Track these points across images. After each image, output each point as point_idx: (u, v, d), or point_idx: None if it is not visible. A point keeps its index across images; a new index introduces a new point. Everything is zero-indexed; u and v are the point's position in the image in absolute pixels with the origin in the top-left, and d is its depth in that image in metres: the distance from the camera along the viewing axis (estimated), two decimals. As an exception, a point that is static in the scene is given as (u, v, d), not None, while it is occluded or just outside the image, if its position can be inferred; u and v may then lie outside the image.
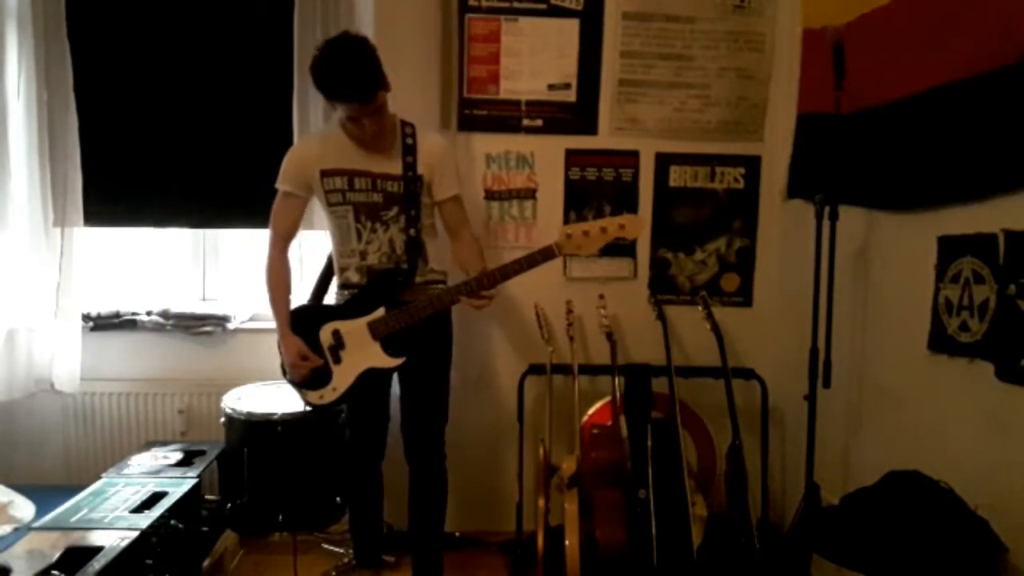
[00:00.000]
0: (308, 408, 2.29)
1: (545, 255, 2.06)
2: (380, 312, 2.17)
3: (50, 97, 2.72)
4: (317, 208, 2.47)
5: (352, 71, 1.99)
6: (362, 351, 2.18)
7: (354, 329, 2.18)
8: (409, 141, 2.22)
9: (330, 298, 2.51)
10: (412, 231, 2.22)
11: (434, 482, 2.34)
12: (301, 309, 2.31)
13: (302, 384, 2.23)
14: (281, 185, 2.25)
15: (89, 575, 1.86)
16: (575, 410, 2.55)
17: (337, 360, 2.20)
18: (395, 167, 2.20)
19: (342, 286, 2.31)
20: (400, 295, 2.19)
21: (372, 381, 2.22)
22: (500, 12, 2.85)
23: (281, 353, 2.25)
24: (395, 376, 2.38)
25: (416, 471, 2.34)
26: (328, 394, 2.21)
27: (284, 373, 2.28)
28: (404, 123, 2.25)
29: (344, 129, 2.15)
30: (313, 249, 2.79)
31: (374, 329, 2.17)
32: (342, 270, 2.29)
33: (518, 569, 2.65)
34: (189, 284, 3.11)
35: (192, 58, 2.89)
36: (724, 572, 2.34)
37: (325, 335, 2.20)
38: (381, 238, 2.22)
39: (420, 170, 2.22)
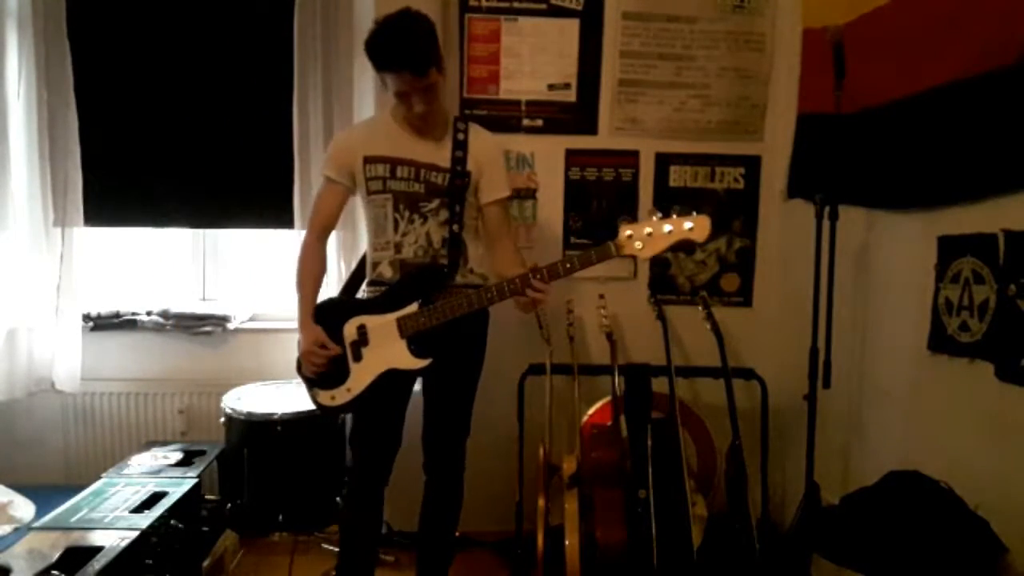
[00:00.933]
0: (316, 411, 2.15)
1: (601, 254, 1.89)
2: (412, 308, 2.02)
3: (50, 97, 2.72)
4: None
5: (406, 40, 1.91)
6: (386, 349, 2.03)
7: (381, 324, 2.03)
8: (461, 136, 2.12)
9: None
10: (455, 227, 2.10)
11: (452, 497, 2.26)
12: (327, 302, 2.18)
13: (315, 381, 2.09)
14: (324, 170, 2.16)
15: (89, 575, 1.86)
16: (575, 410, 2.55)
17: (358, 357, 2.05)
18: (443, 159, 2.10)
19: (373, 282, 2.18)
20: (436, 294, 2.05)
21: (390, 388, 2.06)
22: (500, 12, 2.85)
23: (299, 347, 2.11)
24: (414, 392, 2.21)
25: (434, 484, 2.24)
26: (341, 395, 2.06)
27: (299, 368, 2.14)
28: (458, 118, 2.18)
29: (393, 113, 2.09)
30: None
31: (403, 325, 2.02)
32: (374, 265, 2.17)
33: (518, 569, 2.65)
34: (189, 284, 3.11)
35: (192, 58, 2.89)
36: (724, 572, 2.33)
37: (350, 329, 2.06)
38: (419, 230, 2.10)
39: (469, 166, 2.11)
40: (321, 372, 2.06)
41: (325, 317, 2.08)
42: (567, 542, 2.27)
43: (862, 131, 2.24)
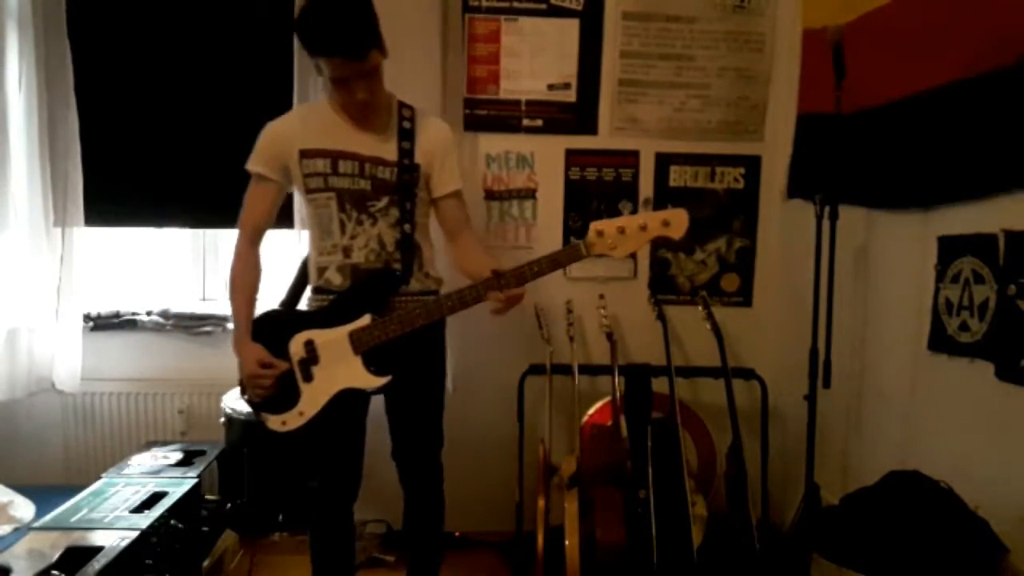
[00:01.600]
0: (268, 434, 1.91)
1: (571, 255, 1.75)
2: (365, 320, 1.83)
3: (50, 97, 2.72)
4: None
5: (341, 20, 1.70)
6: (339, 367, 1.83)
7: (332, 340, 1.83)
8: (407, 125, 1.92)
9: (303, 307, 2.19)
10: (407, 227, 1.90)
11: (432, 509, 2.13)
12: (267, 315, 1.95)
13: (262, 405, 1.87)
14: (252, 166, 1.92)
15: (89, 575, 1.86)
16: (575, 410, 2.55)
17: (308, 377, 1.85)
18: (389, 151, 1.89)
19: (319, 290, 1.97)
20: (390, 303, 1.88)
21: (347, 406, 1.89)
22: (500, 12, 2.85)
23: (240, 370, 1.90)
24: (373, 399, 2.02)
25: (412, 498, 2.12)
26: (293, 419, 1.85)
27: (242, 391, 1.94)
28: (403, 105, 1.96)
29: (331, 101, 1.89)
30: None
31: (356, 340, 1.83)
32: (320, 271, 1.95)
33: (518, 569, 2.65)
34: (189, 284, 3.11)
35: (192, 58, 2.89)
36: (724, 572, 2.33)
37: (296, 347, 1.85)
38: (369, 232, 1.90)
39: (418, 158, 1.92)
40: (268, 395, 1.86)
41: (266, 333, 1.88)
42: (567, 542, 2.27)
43: (862, 131, 2.24)
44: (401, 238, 1.92)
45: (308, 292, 2.05)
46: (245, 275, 1.95)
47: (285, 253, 2.75)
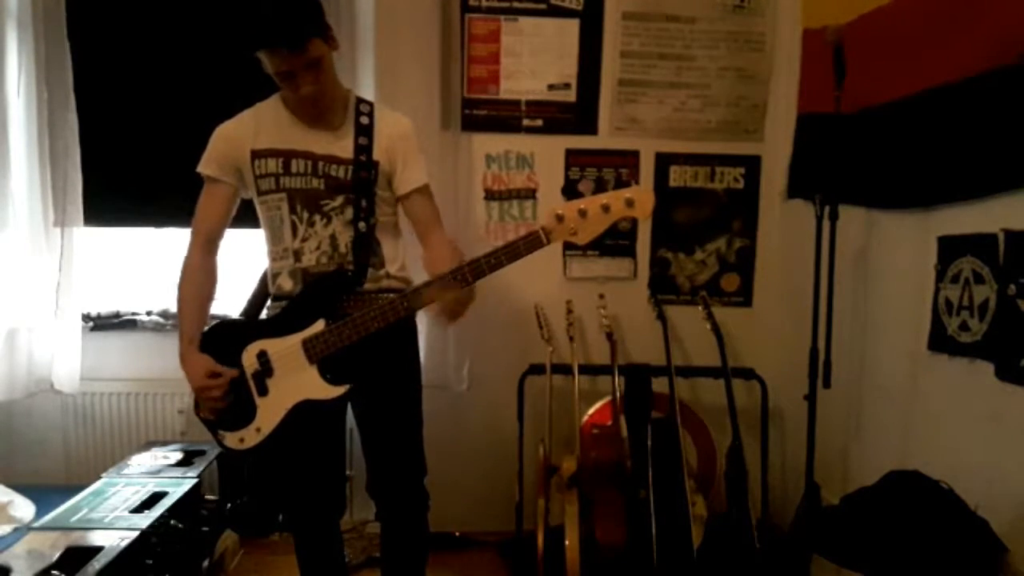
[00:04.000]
0: (226, 454, 1.82)
1: (530, 244, 1.58)
2: (319, 326, 1.71)
3: (50, 97, 2.72)
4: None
5: (276, 8, 1.62)
6: (294, 378, 1.72)
7: (285, 349, 1.72)
8: (364, 120, 1.81)
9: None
10: (361, 225, 1.79)
11: (413, 546, 1.94)
12: (218, 325, 1.84)
13: (217, 423, 1.77)
14: (202, 168, 1.83)
15: (89, 575, 1.86)
16: (575, 410, 2.55)
17: (263, 391, 1.73)
18: (344, 149, 1.79)
19: (275, 297, 1.87)
20: (345, 305, 1.76)
21: (311, 419, 1.76)
22: (500, 12, 2.85)
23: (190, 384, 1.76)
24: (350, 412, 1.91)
25: (391, 535, 1.94)
26: (250, 436, 1.75)
27: (196, 410, 1.81)
28: (361, 100, 1.87)
29: (283, 98, 1.80)
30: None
31: (310, 349, 1.71)
32: (274, 277, 1.86)
33: (518, 569, 2.65)
34: (189, 284, 3.11)
35: (192, 58, 2.88)
36: (724, 572, 2.33)
37: (249, 359, 1.74)
38: (321, 234, 1.80)
39: (376, 155, 1.81)
40: (220, 411, 1.75)
41: (218, 345, 1.77)
42: (567, 542, 2.27)
43: (862, 131, 2.24)
44: (355, 237, 1.80)
45: (268, 302, 1.94)
46: (193, 284, 1.84)
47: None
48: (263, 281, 1.99)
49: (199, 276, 1.85)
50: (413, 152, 1.86)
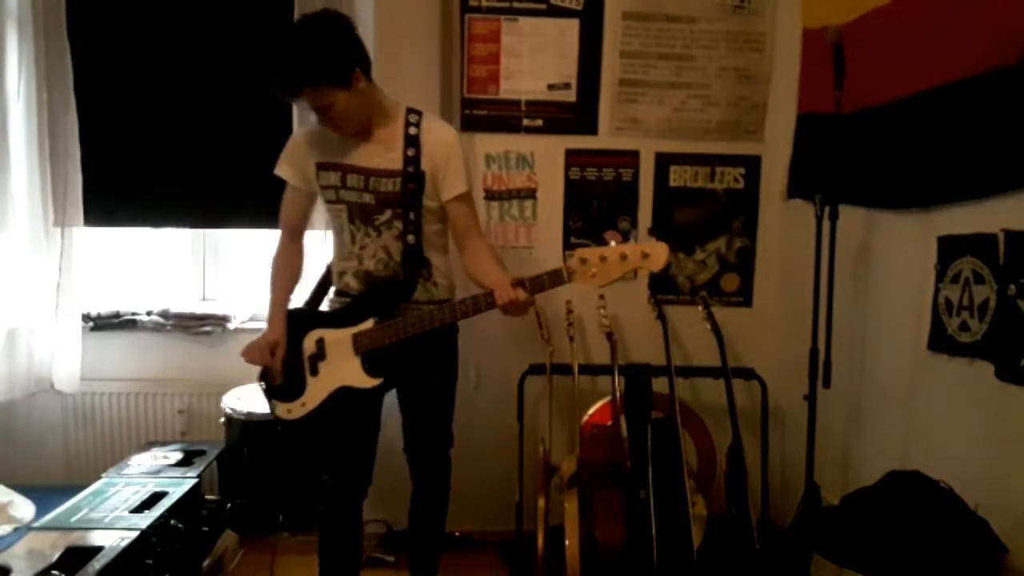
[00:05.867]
0: (277, 425, 2.08)
1: (554, 279, 1.82)
2: (368, 324, 1.94)
3: (50, 97, 2.72)
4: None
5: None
6: (340, 365, 1.96)
7: (338, 339, 1.96)
8: (413, 131, 1.94)
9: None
10: (410, 239, 1.96)
11: (437, 504, 2.23)
12: (291, 312, 2.09)
13: (274, 392, 2.05)
14: (277, 171, 2.07)
15: (89, 575, 1.86)
16: (575, 410, 2.55)
17: (314, 371, 1.99)
18: (393, 161, 1.93)
19: (339, 293, 2.09)
20: (396, 310, 1.97)
21: (349, 403, 1.98)
22: (500, 12, 2.85)
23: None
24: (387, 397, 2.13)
25: (420, 492, 2.21)
26: (297, 409, 2.01)
27: (261, 377, 2.08)
28: (411, 111, 1.99)
29: None
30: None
31: (357, 342, 1.94)
32: (340, 275, 2.07)
33: (518, 569, 2.65)
34: (189, 284, 3.11)
35: (192, 58, 2.89)
36: (724, 572, 2.33)
37: (309, 342, 2.00)
38: (376, 243, 1.99)
39: (424, 165, 1.94)
40: (279, 384, 2.02)
41: (288, 328, 2.04)
42: (567, 542, 2.27)
43: (862, 131, 2.24)
44: (405, 249, 1.98)
45: (331, 294, 2.16)
46: (283, 266, 2.10)
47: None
48: (325, 275, 2.26)
49: (285, 258, 2.11)
50: (456, 160, 1.97)
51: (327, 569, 2.15)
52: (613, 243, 1.79)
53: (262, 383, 2.08)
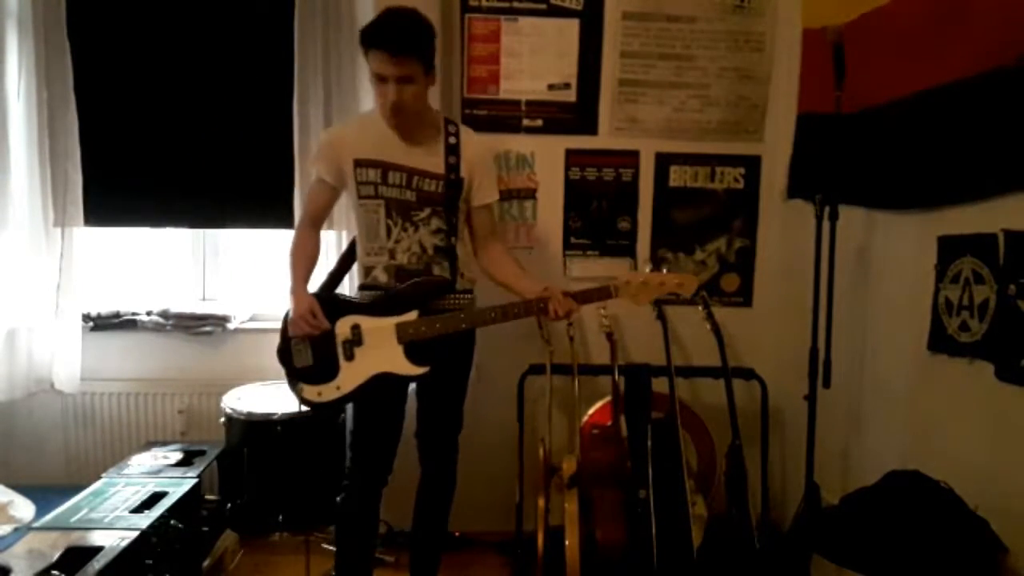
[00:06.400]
0: (304, 408, 2.11)
1: (601, 293, 2.06)
2: (412, 315, 2.04)
3: (50, 97, 2.72)
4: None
5: (395, 21, 1.94)
6: (381, 352, 2.03)
7: (378, 327, 2.04)
8: (452, 140, 2.10)
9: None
10: (452, 238, 2.10)
11: (445, 487, 2.30)
12: (321, 296, 2.12)
13: (301, 374, 2.06)
14: (312, 166, 2.18)
15: (89, 575, 1.86)
16: (575, 410, 2.55)
17: (350, 356, 2.04)
18: (436, 165, 2.08)
19: (367, 286, 2.15)
20: (433, 304, 2.08)
21: (383, 389, 2.07)
22: (500, 12, 2.85)
23: (284, 331, 2.07)
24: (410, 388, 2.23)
25: (429, 474, 2.29)
26: (329, 391, 2.04)
27: (282, 357, 2.08)
28: (448, 121, 2.15)
29: (381, 114, 2.04)
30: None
31: (402, 331, 2.03)
32: (367, 269, 2.15)
33: (518, 569, 2.65)
34: (189, 284, 3.11)
35: (192, 58, 2.89)
36: (724, 572, 2.33)
37: (343, 328, 2.04)
38: (411, 238, 2.10)
39: (463, 172, 2.10)
40: (308, 366, 2.05)
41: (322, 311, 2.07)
42: (567, 542, 2.27)
43: (862, 131, 2.24)
44: (445, 247, 2.11)
45: (357, 288, 2.21)
46: (306, 248, 2.15)
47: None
48: (341, 263, 2.39)
49: (306, 242, 2.16)
50: (491, 171, 2.19)
51: (344, 561, 2.22)
52: (648, 270, 2.12)
53: (285, 365, 2.08)
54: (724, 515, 2.45)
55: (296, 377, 2.08)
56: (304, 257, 2.14)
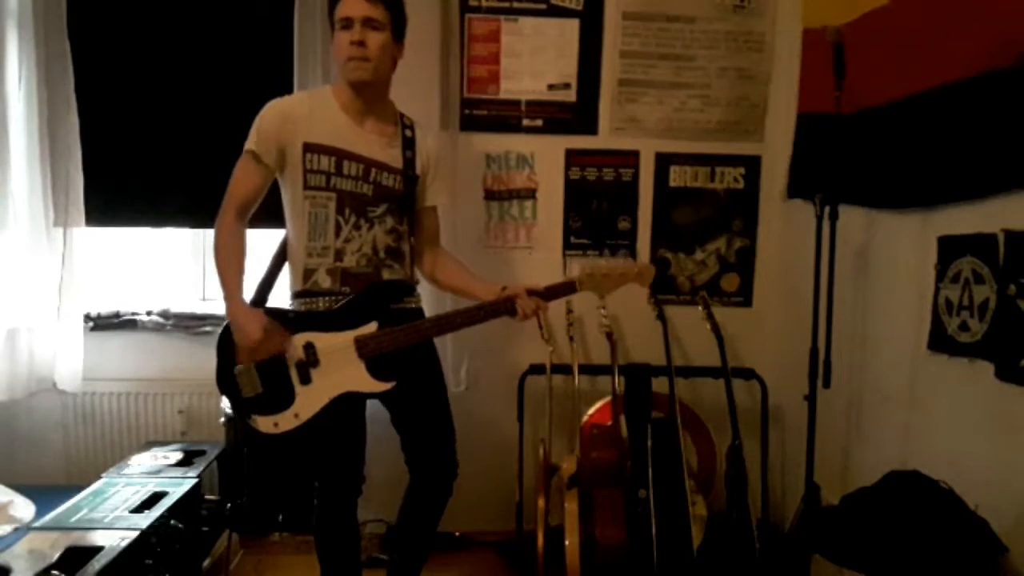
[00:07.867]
0: (257, 436, 1.86)
1: (566, 288, 1.97)
2: (372, 327, 1.83)
3: (51, 97, 2.72)
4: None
5: None
6: (341, 371, 1.81)
7: (335, 344, 1.81)
8: (408, 134, 1.96)
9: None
10: (402, 235, 1.95)
11: (439, 497, 2.11)
12: (268, 309, 1.91)
13: (251, 405, 1.82)
14: (250, 145, 1.87)
15: (89, 575, 1.86)
16: (575, 410, 2.55)
17: (306, 380, 1.82)
18: (394, 159, 1.91)
19: (306, 293, 1.91)
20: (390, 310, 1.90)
21: (345, 408, 1.87)
22: (500, 12, 2.85)
23: (220, 353, 1.86)
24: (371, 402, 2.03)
25: (420, 483, 2.09)
26: (286, 421, 1.81)
27: (221, 388, 1.87)
28: (402, 115, 2.01)
29: (335, 93, 1.87)
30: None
31: (362, 346, 1.82)
32: (308, 272, 1.90)
33: (518, 569, 2.65)
34: (189, 284, 3.11)
35: (193, 57, 2.88)
36: (724, 572, 2.33)
37: (295, 347, 1.81)
38: (364, 237, 1.89)
39: (418, 169, 1.98)
40: (257, 396, 1.83)
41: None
42: (567, 542, 2.27)
43: (862, 131, 2.24)
44: (395, 246, 1.96)
45: (292, 296, 1.98)
46: (228, 246, 1.88)
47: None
48: (273, 266, 2.05)
49: (234, 240, 1.89)
50: (444, 170, 2.07)
51: (328, 572, 2.08)
52: (604, 261, 2.04)
53: (229, 396, 1.86)
54: (724, 515, 2.45)
55: (245, 408, 1.85)
56: (236, 258, 1.87)
